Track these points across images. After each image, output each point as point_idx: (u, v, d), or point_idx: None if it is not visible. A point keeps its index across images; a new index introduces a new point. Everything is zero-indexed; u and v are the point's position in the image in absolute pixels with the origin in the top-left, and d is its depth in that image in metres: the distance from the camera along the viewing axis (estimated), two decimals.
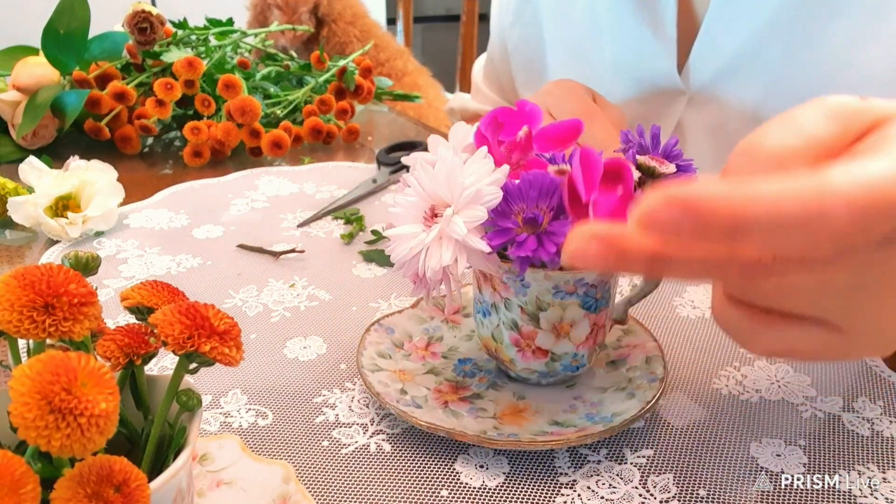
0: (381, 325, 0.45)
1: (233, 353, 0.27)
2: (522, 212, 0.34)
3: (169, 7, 1.09)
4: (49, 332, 0.24)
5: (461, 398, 0.41)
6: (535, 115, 0.39)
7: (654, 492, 0.36)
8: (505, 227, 0.34)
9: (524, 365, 0.40)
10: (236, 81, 0.79)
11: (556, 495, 0.35)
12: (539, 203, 0.34)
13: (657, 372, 0.41)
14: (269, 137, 0.80)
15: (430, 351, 0.45)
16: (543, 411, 0.40)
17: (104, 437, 0.21)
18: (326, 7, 1.73)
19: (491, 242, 0.33)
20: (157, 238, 0.62)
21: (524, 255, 0.33)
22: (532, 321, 0.38)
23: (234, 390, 0.43)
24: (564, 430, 0.38)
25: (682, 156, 0.37)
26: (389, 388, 0.40)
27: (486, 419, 0.39)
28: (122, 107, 0.81)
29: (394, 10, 2.20)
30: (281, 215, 0.67)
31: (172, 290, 0.30)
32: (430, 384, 0.42)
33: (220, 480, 0.34)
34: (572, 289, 0.37)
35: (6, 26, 1.66)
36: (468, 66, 1.81)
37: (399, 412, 0.38)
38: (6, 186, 0.63)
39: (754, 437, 0.39)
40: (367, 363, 0.41)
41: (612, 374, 0.42)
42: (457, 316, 0.47)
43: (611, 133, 0.51)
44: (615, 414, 0.38)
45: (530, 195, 0.34)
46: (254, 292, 0.54)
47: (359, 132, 0.90)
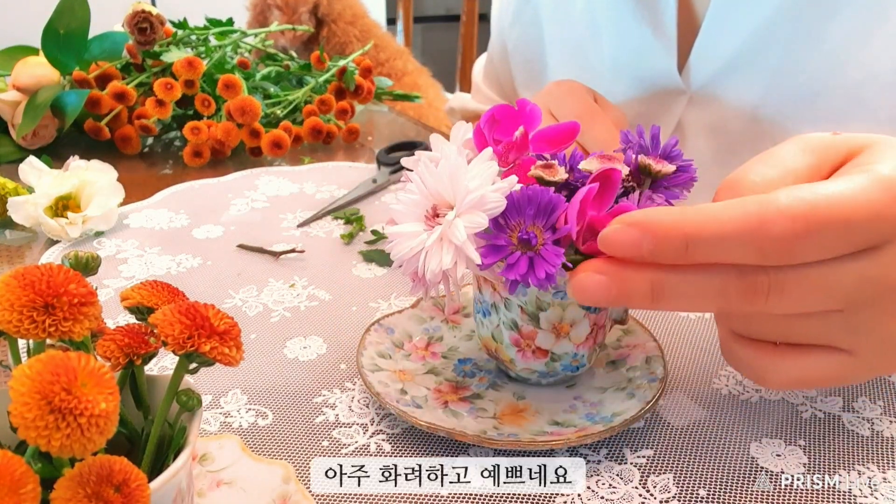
0: (381, 325, 0.45)
1: (233, 353, 0.27)
2: (518, 227, 0.33)
3: (169, 7, 1.09)
4: (49, 332, 0.24)
5: (461, 398, 0.41)
6: (534, 115, 0.39)
7: (654, 492, 0.36)
8: (498, 245, 0.33)
9: (524, 365, 0.40)
10: (236, 81, 0.79)
11: (556, 495, 0.35)
12: (536, 221, 0.33)
13: (657, 372, 0.41)
14: (269, 137, 0.80)
15: (430, 351, 0.45)
16: (543, 411, 0.40)
17: (104, 437, 0.21)
18: (326, 7, 1.73)
19: (484, 259, 0.33)
20: (157, 238, 0.62)
21: (514, 279, 0.32)
22: (532, 321, 0.38)
23: (234, 390, 0.43)
24: (564, 430, 0.38)
25: (681, 156, 0.37)
26: (389, 388, 0.40)
27: (486, 419, 0.39)
28: (122, 107, 0.81)
29: (394, 10, 2.20)
30: (281, 215, 0.67)
31: (172, 290, 0.30)
32: (430, 384, 0.42)
33: (220, 480, 0.34)
34: None
35: (6, 26, 1.66)
36: (468, 66, 1.81)
37: (399, 412, 0.38)
38: (6, 186, 0.63)
39: (754, 437, 0.39)
40: (367, 363, 0.41)
41: (612, 374, 0.42)
42: (457, 316, 0.47)
43: (612, 133, 0.52)
44: (615, 414, 0.38)
45: (527, 212, 0.33)
46: (254, 292, 0.54)
47: (359, 132, 0.90)
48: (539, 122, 0.39)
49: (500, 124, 0.38)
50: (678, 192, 0.37)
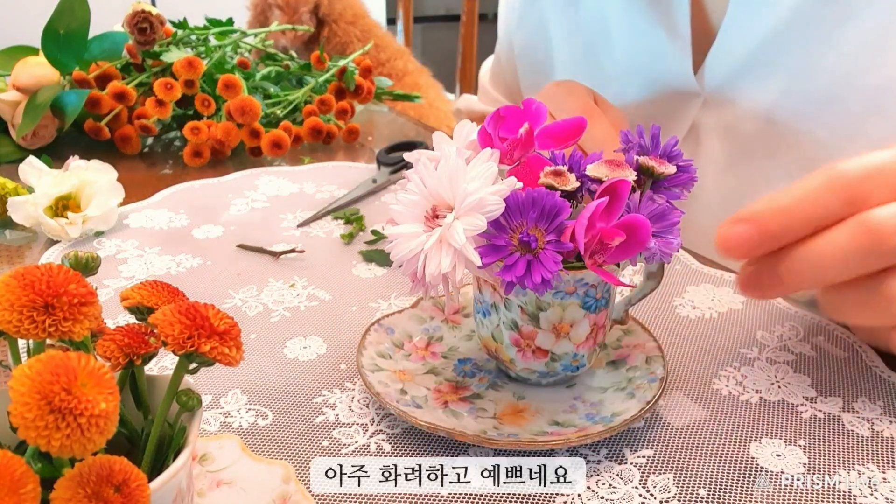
0: (381, 325, 0.45)
1: (233, 353, 0.27)
2: (520, 228, 0.33)
3: (169, 7, 1.09)
4: (49, 332, 0.24)
5: (461, 398, 0.41)
6: (540, 113, 0.39)
7: (654, 492, 0.36)
8: (498, 245, 0.33)
9: (524, 365, 0.40)
10: (236, 81, 0.79)
11: (556, 495, 0.35)
12: (538, 224, 0.33)
13: (657, 372, 0.41)
14: (268, 137, 0.80)
15: (430, 351, 0.45)
16: (543, 411, 0.40)
17: (104, 437, 0.21)
18: (327, 7, 1.73)
19: (483, 259, 0.33)
20: (157, 238, 0.62)
21: (510, 280, 0.32)
22: (532, 321, 0.38)
23: (234, 390, 0.43)
24: (565, 430, 0.38)
25: (682, 155, 0.37)
26: (389, 388, 0.40)
27: (486, 419, 0.39)
28: (122, 107, 0.81)
29: (394, 10, 2.20)
30: (281, 215, 0.67)
31: (172, 290, 0.30)
32: (431, 384, 0.42)
33: (220, 480, 0.34)
34: (572, 289, 0.37)
35: (6, 26, 1.66)
36: (468, 66, 1.81)
37: (399, 412, 0.38)
38: (6, 186, 0.63)
39: (754, 438, 0.39)
40: (367, 363, 0.41)
41: (611, 374, 0.42)
42: (457, 316, 0.47)
43: (611, 134, 0.51)
44: (615, 414, 0.38)
45: (530, 215, 0.33)
46: (254, 292, 0.54)
47: (359, 132, 0.90)
48: (544, 120, 0.39)
49: (506, 121, 0.38)
50: (678, 192, 0.37)
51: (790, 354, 0.46)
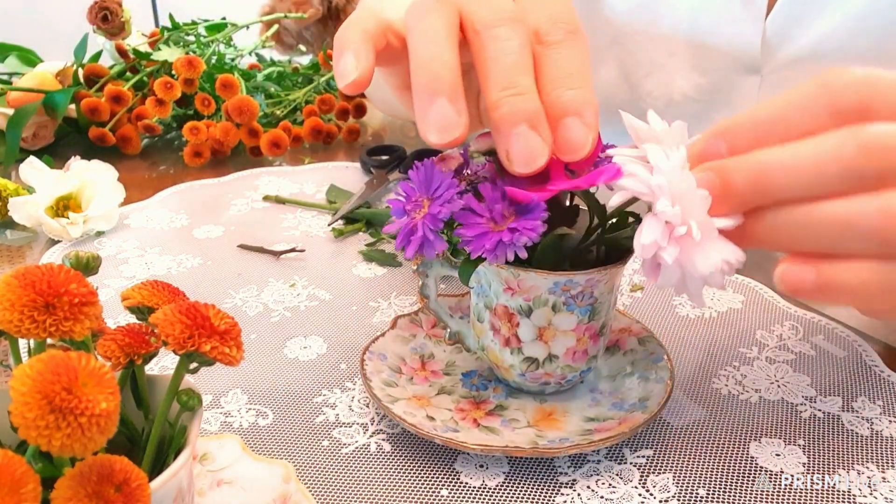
0: (372, 352, 0.43)
1: (233, 352, 0.27)
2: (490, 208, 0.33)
3: (169, 7, 1.09)
4: (50, 331, 0.24)
5: (487, 413, 0.40)
6: None
7: (654, 491, 0.36)
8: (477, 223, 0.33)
9: (529, 384, 0.40)
10: (234, 81, 0.79)
11: (556, 495, 0.35)
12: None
13: (656, 351, 0.42)
14: (267, 137, 0.80)
15: (428, 370, 0.43)
16: (572, 410, 0.40)
17: (105, 436, 0.21)
18: None
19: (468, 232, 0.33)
20: (158, 238, 0.63)
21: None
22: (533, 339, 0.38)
23: (234, 390, 0.43)
24: (604, 424, 0.38)
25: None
26: (417, 418, 0.38)
27: (525, 429, 0.38)
28: (122, 110, 0.81)
29: None
30: (281, 215, 0.67)
31: (173, 290, 0.30)
32: (449, 404, 0.40)
33: (221, 480, 0.34)
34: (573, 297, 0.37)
35: (6, 26, 1.66)
36: None
37: (445, 441, 0.36)
38: (7, 187, 0.63)
39: (754, 437, 0.39)
40: (381, 395, 0.39)
41: (610, 360, 0.43)
42: (436, 330, 0.46)
43: None
44: (642, 399, 0.39)
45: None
46: (254, 292, 0.54)
47: (359, 132, 0.90)
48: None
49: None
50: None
51: (790, 354, 0.47)
